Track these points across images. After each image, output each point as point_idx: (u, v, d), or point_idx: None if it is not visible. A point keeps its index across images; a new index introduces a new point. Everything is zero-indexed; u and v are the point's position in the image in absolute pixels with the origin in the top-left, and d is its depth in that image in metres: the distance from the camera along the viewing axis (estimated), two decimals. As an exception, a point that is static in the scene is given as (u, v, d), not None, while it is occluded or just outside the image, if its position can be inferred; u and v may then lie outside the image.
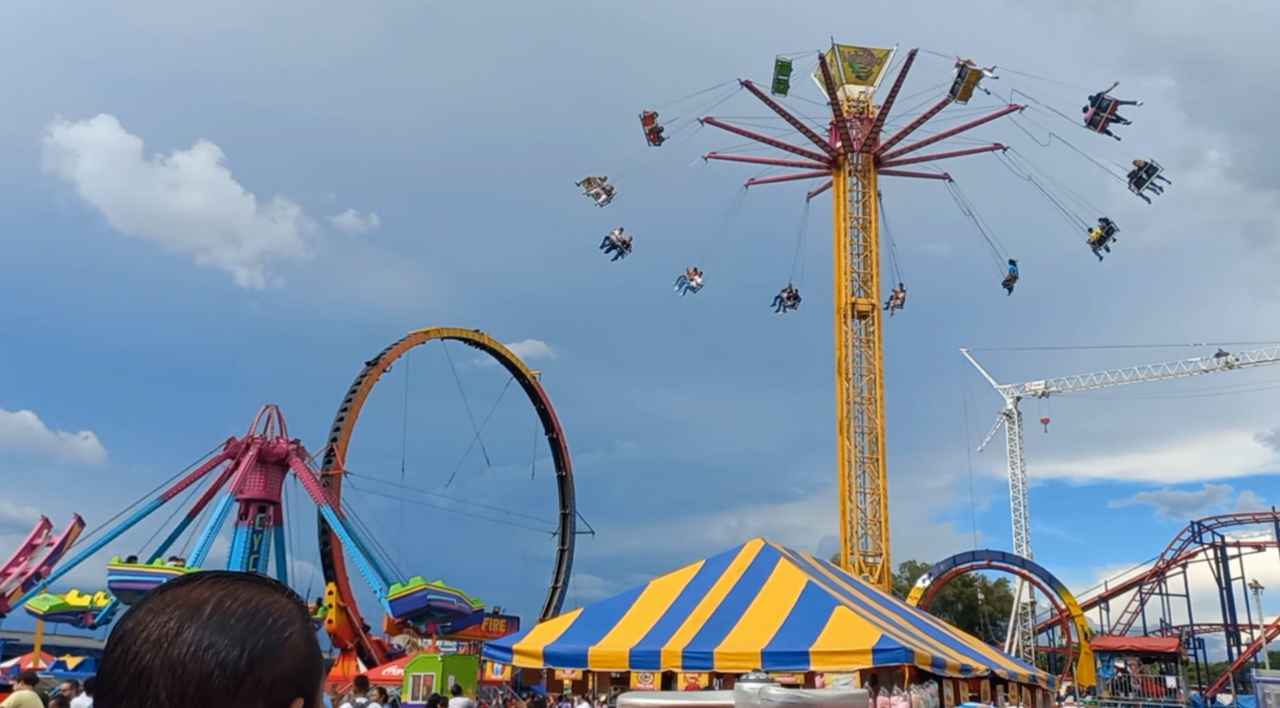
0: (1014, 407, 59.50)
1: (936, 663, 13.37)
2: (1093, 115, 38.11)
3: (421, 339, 49.98)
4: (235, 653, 1.03)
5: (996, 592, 70.61)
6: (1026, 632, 54.09)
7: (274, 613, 1.09)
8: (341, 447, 44.66)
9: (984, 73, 38.12)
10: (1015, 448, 59.15)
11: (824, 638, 13.06)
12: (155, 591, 1.12)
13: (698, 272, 43.38)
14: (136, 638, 1.04)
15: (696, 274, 43.29)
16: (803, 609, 14.00)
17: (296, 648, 1.09)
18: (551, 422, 58.33)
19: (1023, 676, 18.15)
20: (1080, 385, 58.33)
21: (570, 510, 58.20)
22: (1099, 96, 37.95)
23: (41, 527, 37.16)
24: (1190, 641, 49.85)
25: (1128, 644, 43.05)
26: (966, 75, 37.98)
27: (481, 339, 53.73)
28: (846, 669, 12.61)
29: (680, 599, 15.34)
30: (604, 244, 43.06)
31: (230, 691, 1.01)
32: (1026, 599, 54.15)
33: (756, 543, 16.81)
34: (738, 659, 13.41)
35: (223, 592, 1.09)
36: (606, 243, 43.01)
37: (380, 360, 47.26)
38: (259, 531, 39.61)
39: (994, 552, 46.27)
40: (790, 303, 44.18)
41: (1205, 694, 43.34)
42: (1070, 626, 43.61)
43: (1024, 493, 58.39)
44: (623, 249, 42.96)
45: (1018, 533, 57.18)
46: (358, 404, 45.80)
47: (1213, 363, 53.81)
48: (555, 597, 55.97)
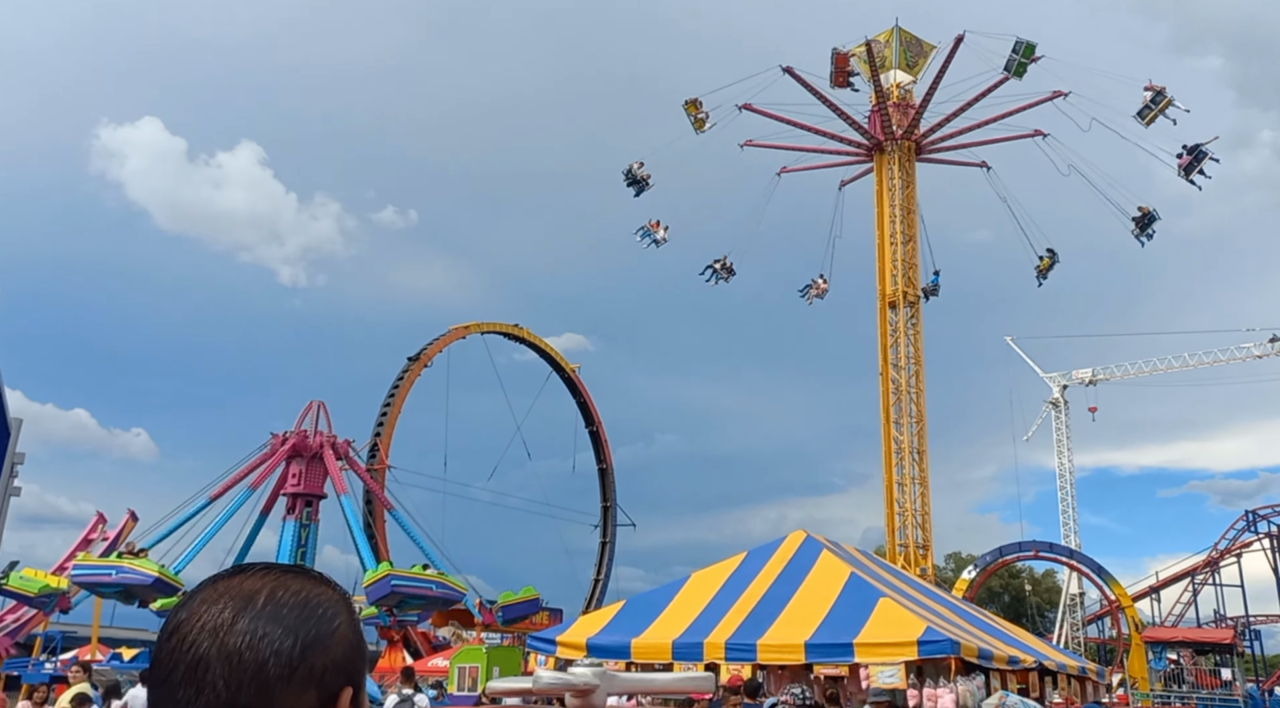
0: (1060, 395, 58.52)
1: (983, 655, 13.24)
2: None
3: (462, 334, 50.40)
4: (289, 642, 1.05)
5: (1044, 583, 69.62)
6: (1075, 623, 53.28)
7: (323, 604, 1.11)
8: (385, 441, 45.24)
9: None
10: (1062, 437, 58.20)
11: (868, 630, 12.99)
12: (207, 581, 1.14)
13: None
14: (192, 628, 1.06)
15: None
16: (846, 601, 13.94)
17: (345, 638, 1.11)
18: (591, 415, 58.51)
19: (1072, 667, 17.89)
20: (1129, 373, 57.20)
21: (611, 503, 58.38)
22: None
23: (96, 522, 38.07)
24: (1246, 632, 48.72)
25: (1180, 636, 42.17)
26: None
27: (521, 334, 54.04)
28: (891, 661, 12.53)
29: (722, 591, 15.35)
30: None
31: (285, 679, 1.04)
32: (1075, 590, 53.32)
33: (798, 535, 16.75)
34: (781, 651, 13.40)
35: (274, 583, 1.11)
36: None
37: (421, 356, 47.74)
38: (306, 525, 40.25)
39: (1041, 542, 45.55)
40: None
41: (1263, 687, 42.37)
42: (1120, 617, 42.88)
43: (1071, 483, 57.49)
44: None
45: (1065, 523, 56.33)
46: (400, 399, 46.33)
47: (1266, 348, 52.47)
48: (597, 589, 56.22)
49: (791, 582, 15.00)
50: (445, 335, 49.40)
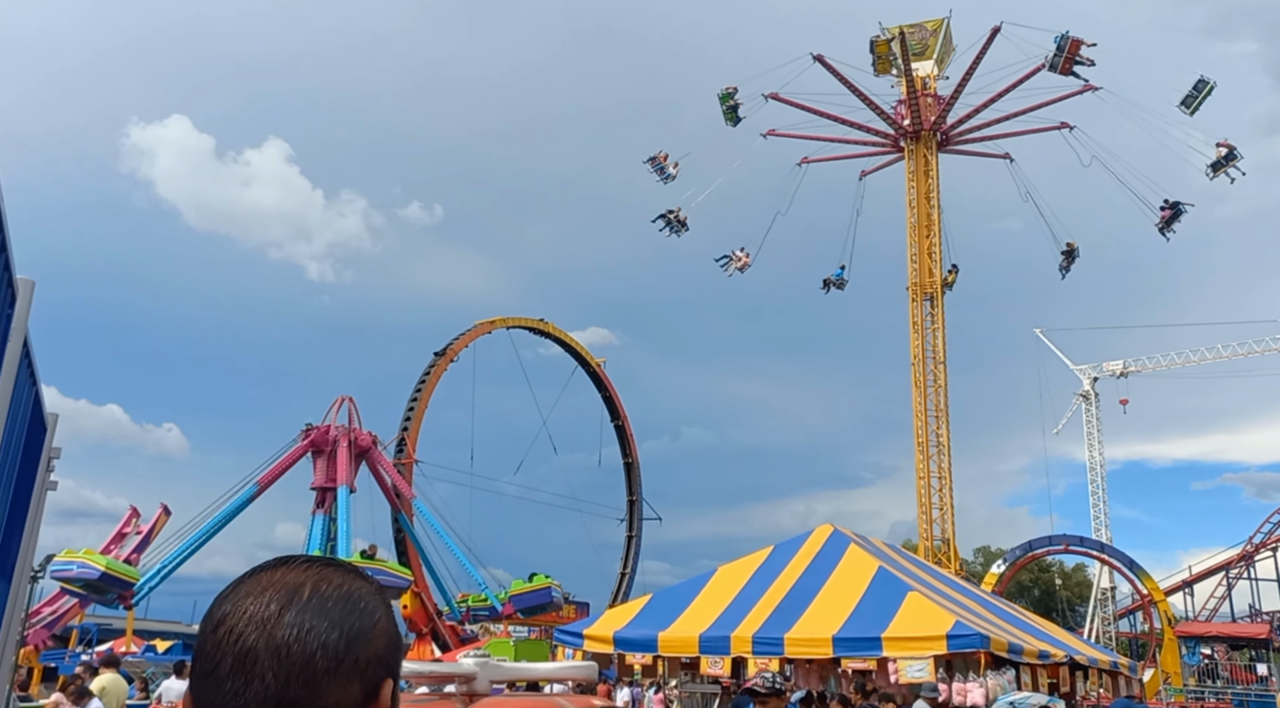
0: (1091, 388, 57.85)
1: (1013, 649, 13.14)
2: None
3: (487, 329, 50.61)
4: (335, 635, 1.06)
5: (1074, 577, 68.92)
6: (1106, 618, 52.73)
7: (364, 597, 1.13)
8: (412, 436, 45.55)
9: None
10: (1093, 430, 57.57)
11: (896, 624, 12.93)
12: (248, 574, 1.15)
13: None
14: (239, 620, 1.07)
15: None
16: (874, 595, 13.87)
17: (386, 630, 1.13)
18: (617, 409, 58.58)
19: (1103, 662, 17.71)
20: (1161, 365, 56.47)
21: (637, 497, 58.44)
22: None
23: (130, 516, 38.66)
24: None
25: (1214, 630, 41.66)
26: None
27: (546, 328, 54.18)
28: (920, 655, 12.46)
29: (749, 585, 15.33)
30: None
31: (332, 671, 1.05)
32: (1106, 584, 52.76)
33: (825, 528, 16.70)
34: (809, 645, 13.36)
35: (317, 576, 1.12)
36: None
37: (448, 351, 47.99)
38: (334, 519, 40.63)
39: (1071, 536, 45.11)
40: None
41: (1298, 682, 41.73)
42: (1153, 611, 42.39)
43: (1102, 476, 56.86)
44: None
45: (1096, 516, 55.73)
46: (427, 394, 46.62)
47: (1302, 338, 51.60)
48: (624, 583, 56.33)
49: (819, 575, 14.96)
50: (471, 330, 49.63)
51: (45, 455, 4.12)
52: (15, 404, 3.10)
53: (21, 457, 3.50)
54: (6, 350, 2.87)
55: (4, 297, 2.83)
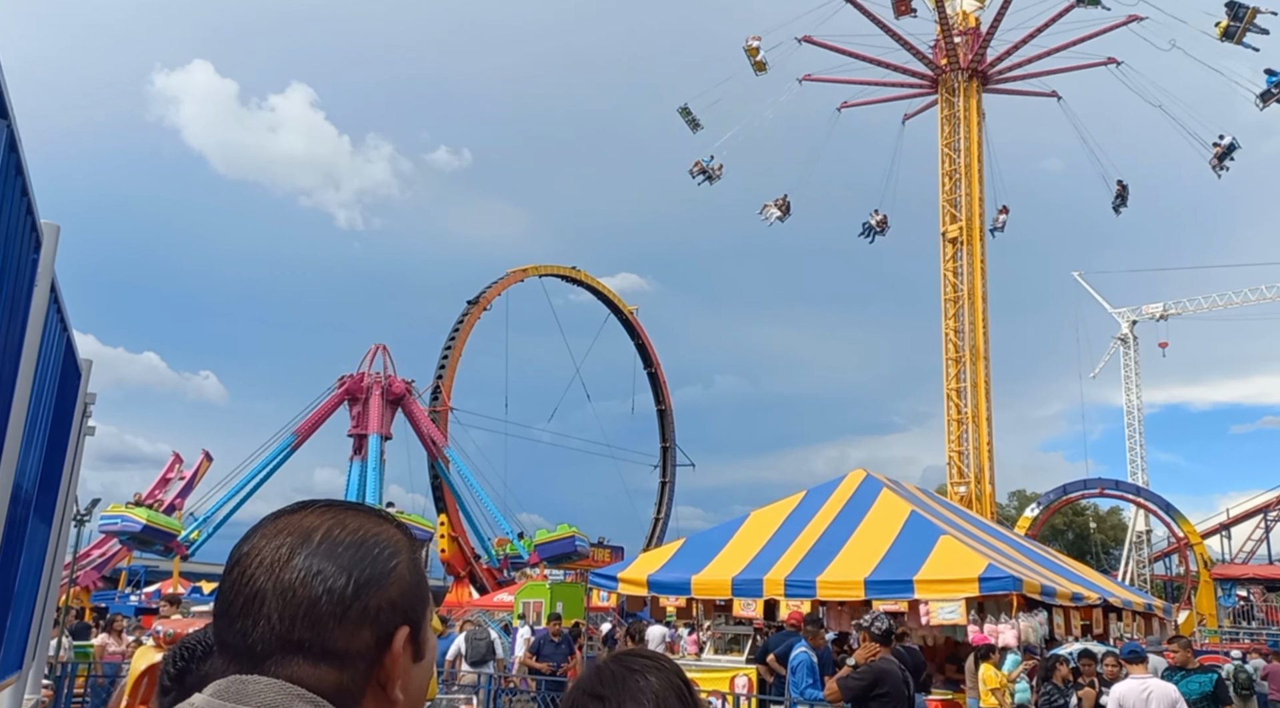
0: (1130, 331, 56.93)
1: (1046, 592, 13.13)
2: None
3: (520, 277, 50.64)
4: (342, 580, 1.05)
5: (1109, 520, 68.63)
6: (1141, 561, 52.57)
7: (381, 543, 1.11)
8: (447, 384, 45.98)
9: None
10: (1131, 374, 56.77)
11: (929, 567, 12.96)
12: (270, 517, 1.15)
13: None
14: (252, 561, 1.08)
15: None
16: (906, 539, 13.89)
17: (403, 577, 1.11)
18: (650, 356, 58.64)
19: (1137, 604, 17.67)
20: (1201, 307, 55.32)
21: (670, 444, 58.76)
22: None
23: (173, 462, 39.62)
24: (1320, 570, 47.62)
25: (1250, 573, 41.42)
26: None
27: (579, 276, 54.09)
28: (952, 597, 12.50)
29: (782, 529, 15.41)
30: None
31: (338, 616, 1.04)
32: (1142, 528, 52.50)
33: (858, 474, 16.69)
34: (841, 588, 13.45)
35: (332, 520, 1.11)
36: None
37: (481, 299, 48.15)
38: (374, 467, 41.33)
39: (1107, 480, 44.79)
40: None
41: (1336, 625, 41.51)
42: (1188, 554, 42.16)
43: (1139, 420, 56.22)
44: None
45: (1133, 461, 55.26)
46: (460, 342, 46.93)
47: (1352, 278, 50.23)
48: (657, 528, 56.95)
49: (851, 520, 14.99)
50: (503, 279, 49.68)
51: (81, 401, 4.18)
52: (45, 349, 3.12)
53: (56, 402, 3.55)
54: (34, 295, 2.88)
55: (29, 242, 2.83)
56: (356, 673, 1.06)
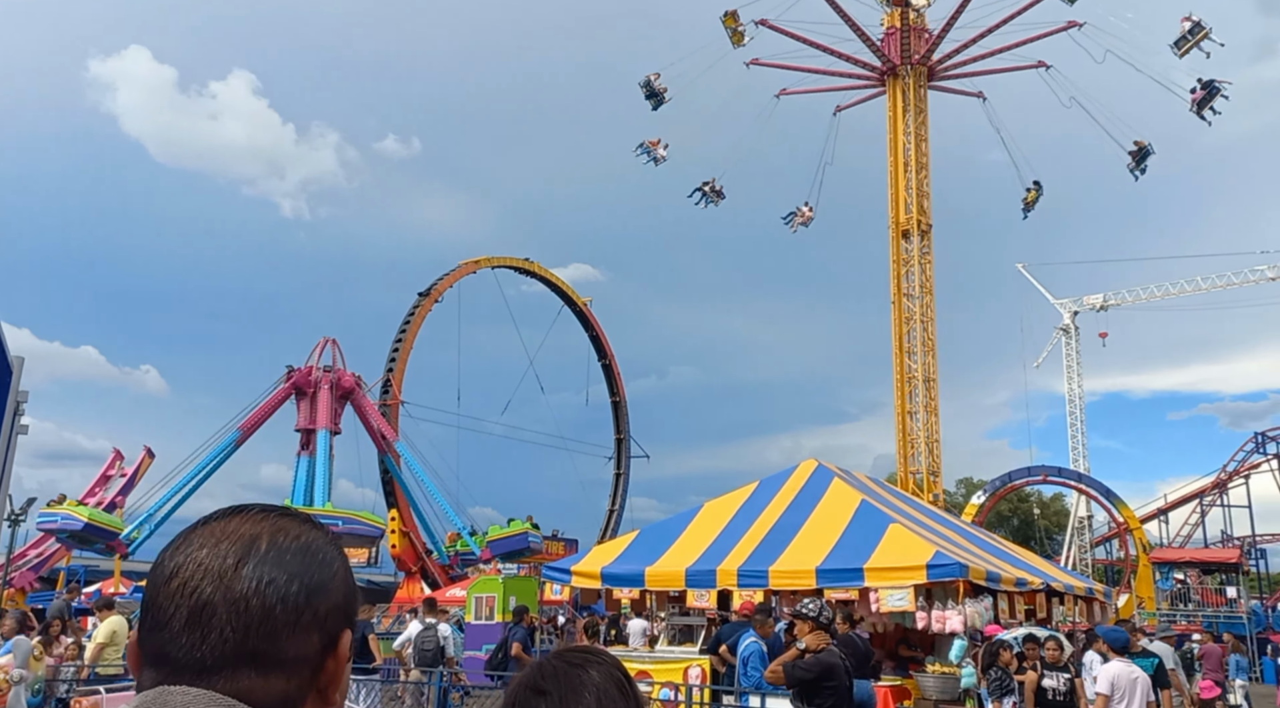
0: (1071, 321, 58.23)
1: (991, 577, 13.40)
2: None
3: (472, 269, 50.24)
4: (295, 588, 1.05)
5: (1053, 507, 70.29)
6: (1083, 546, 53.90)
7: (321, 548, 1.12)
8: (397, 377, 45.48)
9: None
10: (1073, 363, 58.10)
11: (878, 555, 13.14)
12: (199, 524, 1.13)
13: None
14: (193, 571, 1.05)
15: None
16: (857, 527, 14.08)
17: (344, 581, 1.12)
18: (604, 348, 58.61)
19: (1079, 588, 18.13)
20: (1140, 298, 56.77)
21: (625, 435, 58.82)
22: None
23: (114, 459, 38.64)
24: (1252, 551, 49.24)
25: (1187, 556, 42.68)
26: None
27: (532, 268, 53.82)
28: (901, 585, 12.69)
29: (735, 520, 15.51)
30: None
31: (292, 624, 1.04)
32: (1083, 513, 53.82)
33: (810, 463, 16.86)
34: (793, 577, 13.58)
35: (273, 527, 1.10)
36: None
37: (432, 291, 47.67)
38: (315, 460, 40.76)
39: (1050, 467, 45.82)
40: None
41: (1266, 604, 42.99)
42: (1128, 538, 43.33)
43: (1081, 408, 57.58)
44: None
45: (1075, 448, 56.59)
46: (411, 335, 46.43)
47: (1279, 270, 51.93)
48: (612, 520, 57.01)
49: (803, 509, 15.15)
50: (455, 270, 49.24)
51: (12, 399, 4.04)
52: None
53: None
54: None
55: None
56: (302, 680, 1.05)
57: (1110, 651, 9.72)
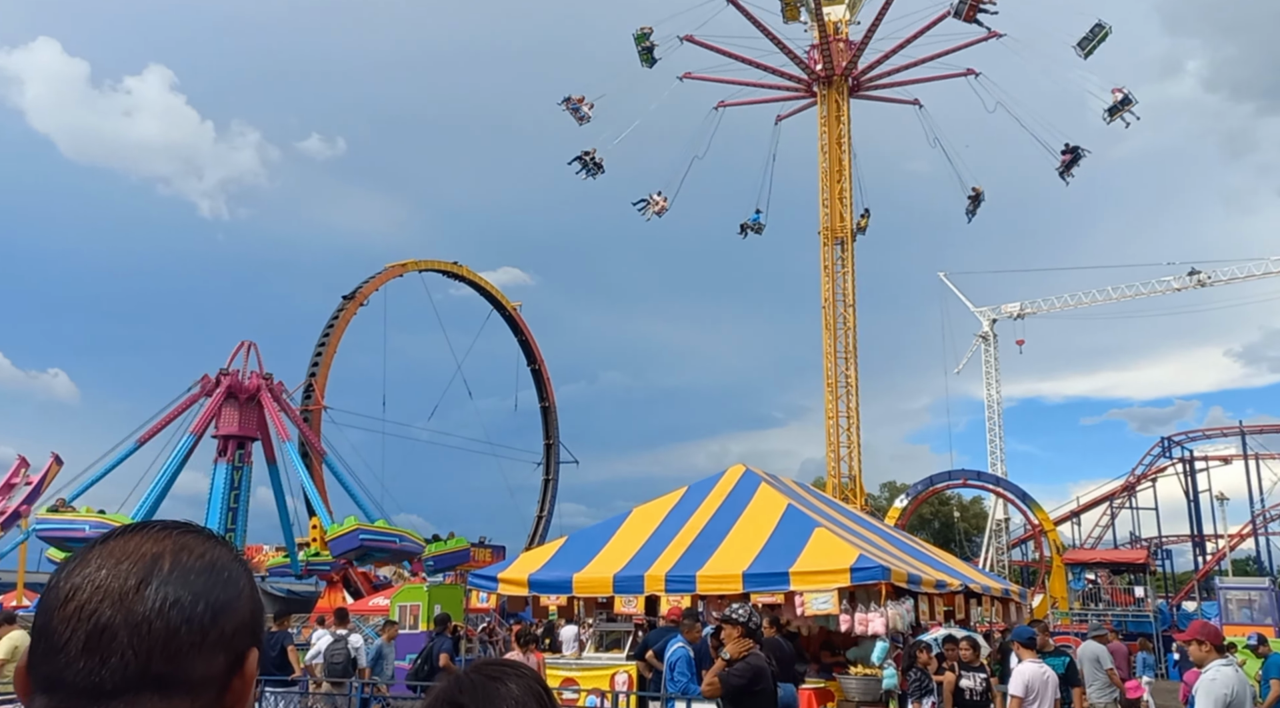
0: (990, 329, 59.97)
1: (912, 580, 13.68)
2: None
3: (399, 272, 49.48)
4: (200, 607, 1.03)
5: (972, 509, 72.20)
6: (1000, 547, 55.46)
7: (227, 566, 1.09)
8: (320, 382, 44.53)
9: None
10: (991, 369, 59.83)
11: (804, 559, 13.31)
12: (97, 542, 1.08)
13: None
14: (91, 594, 1.01)
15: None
16: (783, 532, 14.24)
17: (250, 598, 1.10)
18: (533, 353, 58.29)
19: (995, 590, 18.63)
20: (1055, 306, 58.78)
21: (554, 441, 58.58)
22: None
23: (19, 466, 37.04)
24: (1158, 552, 51.36)
25: (1098, 557, 44.27)
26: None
27: (460, 271, 53.25)
28: (825, 588, 12.88)
29: (663, 525, 15.56)
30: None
31: (197, 644, 1.02)
32: (1001, 516, 55.39)
33: (738, 468, 17.00)
34: (720, 582, 13.68)
35: (176, 545, 1.07)
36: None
37: (357, 294, 46.81)
38: (238, 467, 39.64)
39: (969, 471, 47.11)
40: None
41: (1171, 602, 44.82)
42: (1043, 540, 44.74)
43: (999, 413, 59.32)
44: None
45: (993, 452, 58.24)
46: (335, 339, 45.52)
47: (1185, 281, 54.28)
48: (540, 526, 56.69)
49: (731, 514, 15.27)
50: (382, 274, 48.44)
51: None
52: None
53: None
54: None
55: None
56: (208, 701, 1.03)
57: (1023, 650, 10.01)
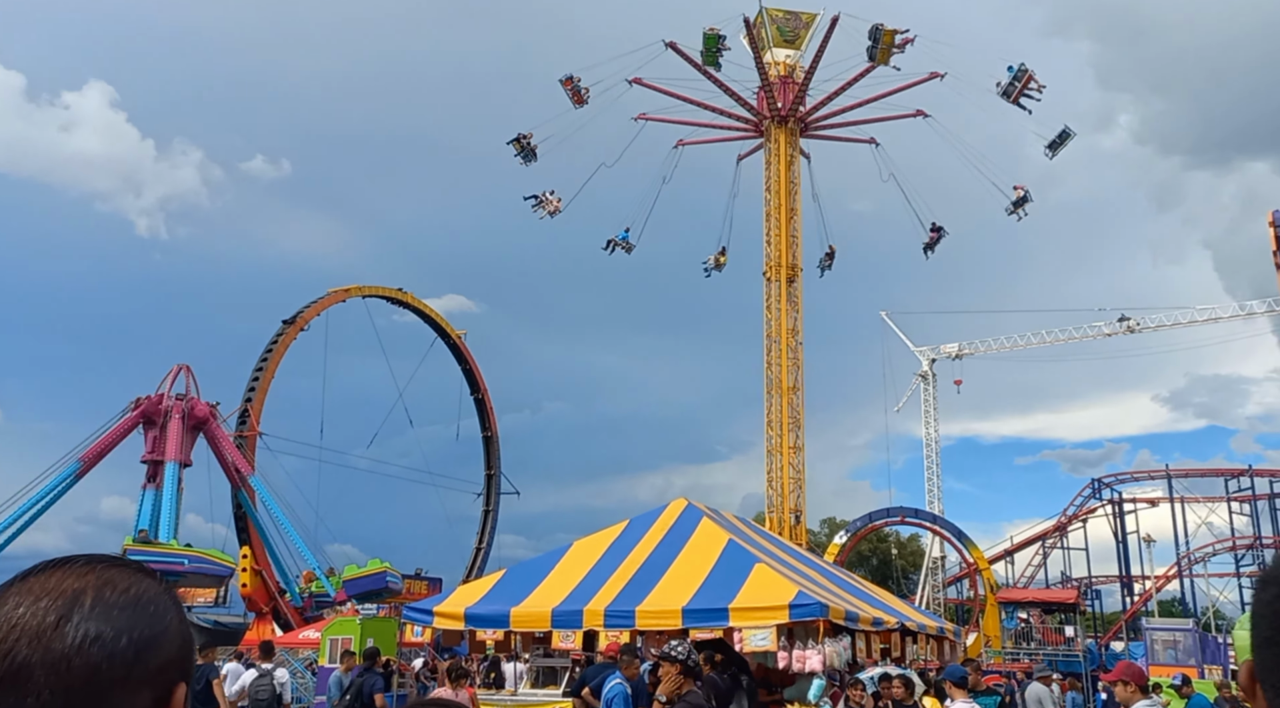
0: (929, 368, 61.14)
1: (850, 617, 13.75)
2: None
3: (341, 297, 48.83)
4: (123, 643, 1.00)
5: (909, 546, 73.04)
6: (937, 585, 56.14)
7: (154, 600, 1.07)
8: (256, 408, 43.55)
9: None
10: (930, 408, 60.90)
11: (743, 595, 13.31)
12: (17, 579, 1.06)
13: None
14: (8, 632, 0.98)
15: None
16: (723, 567, 14.23)
17: (178, 633, 1.07)
18: (477, 381, 57.80)
19: (931, 628, 18.81)
20: (992, 348, 60.22)
21: (495, 471, 57.97)
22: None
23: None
24: (1088, 592, 52.48)
25: (1030, 596, 45.05)
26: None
27: (404, 298, 52.75)
28: (764, 624, 12.88)
29: (603, 559, 15.43)
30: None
31: (120, 682, 0.99)
32: (937, 554, 56.13)
33: (680, 502, 16.98)
34: (659, 617, 13.59)
35: (99, 580, 1.04)
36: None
37: (298, 318, 46.03)
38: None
39: (907, 508, 47.72)
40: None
41: (1100, 642, 45.72)
42: (978, 579, 45.42)
43: (937, 451, 60.31)
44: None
45: (930, 490, 59.12)
46: (274, 363, 44.62)
47: (1115, 327, 56.08)
48: (479, 558, 55.90)
49: (672, 549, 15.21)
50: (324, 298, 47.75)
51: None
52: None
53: None
54: None
55: None
56: None
57: (954, 689, 10.12)
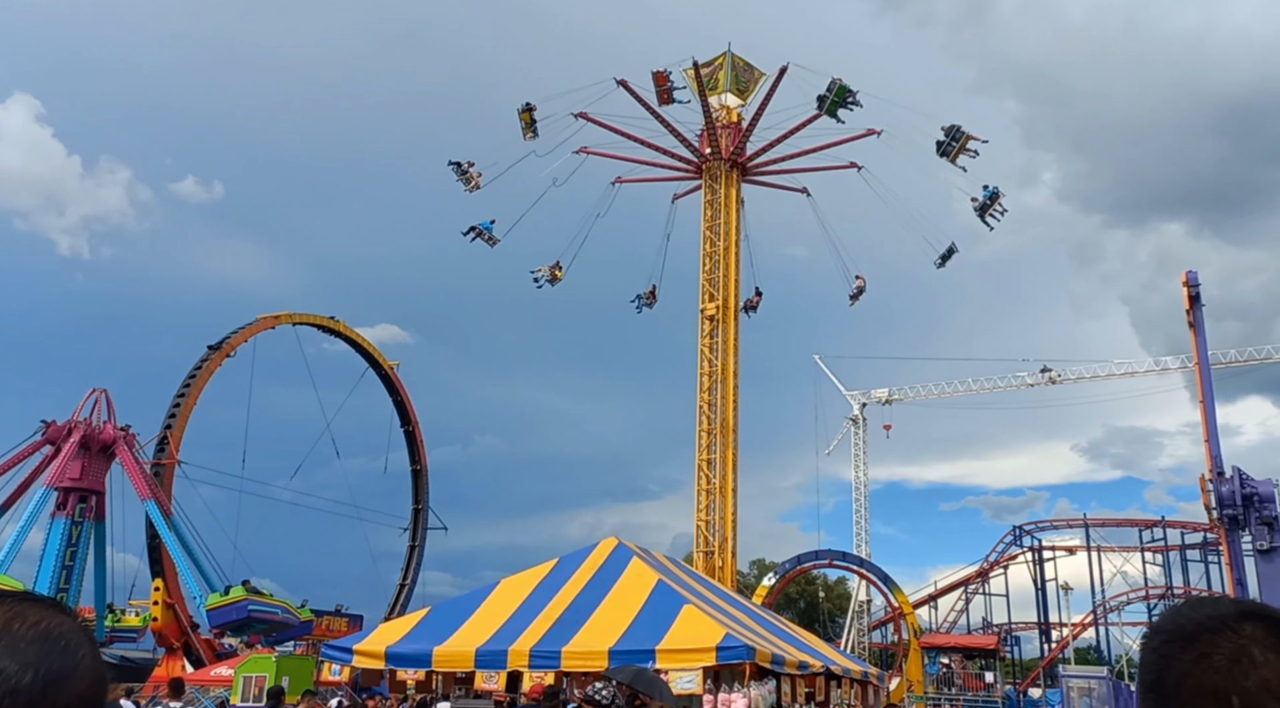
0: (860, 412, 62.15)
1: (776, 660, 13.76)
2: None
3: (271, 324, 47.78)
4: (28, 678, 0.98)
5: (836, 589, 73.58)
6: (862, 629, 56.58)
7: (65, 635, 1.04)
8: (176, 434, 42.14)
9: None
10: (859, 452, 61.85)
11: (671, 636, 13.23)
12: None
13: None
14: None
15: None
16: (652, 608, 14.14)
17: (91, 669, 1.05)
18: (408, 413, 56.90)
19: (855, 672, 18.92)
20: (921, 394, 61.53)
21: (423, 505, 56.92)
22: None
23: None
24: (1008, 638, 53.40)
25: (952, 641, 45.64)
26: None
27: (336, 326, 51.85)
28: (691, 667, 12.81)
29: (531, 598, 15.22)
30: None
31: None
32: (863, 597, 56.67)
33: (610, 541, 16.88)
34: (585, 658, 13.41)
35: (8, 614, 1.03)
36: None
37: (224, 345, 44.84)
38: (78, 522, 36.88)
39: (835, 551, 48.15)
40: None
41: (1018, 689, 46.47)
42: (902, 623, 45.89)
43: (865, 495, 61.17)
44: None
45: (858, 533, 59.84)
46: (196, 390, 43.31)
47: (1038, 378, 57.84)
48: (403, 594, 54.62)
49: (600, 588, 15.08)
50: (252, 324, 46.64)
51: None
52: None
53: None
54: None
55: None
56: None
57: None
